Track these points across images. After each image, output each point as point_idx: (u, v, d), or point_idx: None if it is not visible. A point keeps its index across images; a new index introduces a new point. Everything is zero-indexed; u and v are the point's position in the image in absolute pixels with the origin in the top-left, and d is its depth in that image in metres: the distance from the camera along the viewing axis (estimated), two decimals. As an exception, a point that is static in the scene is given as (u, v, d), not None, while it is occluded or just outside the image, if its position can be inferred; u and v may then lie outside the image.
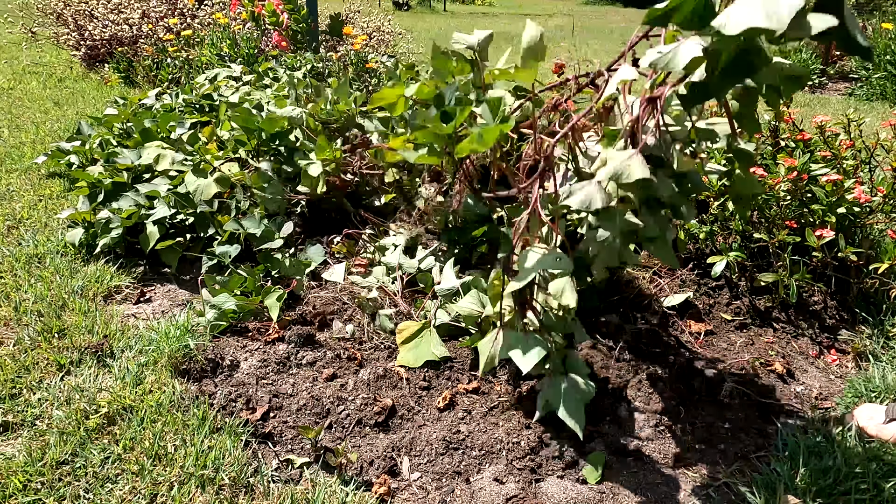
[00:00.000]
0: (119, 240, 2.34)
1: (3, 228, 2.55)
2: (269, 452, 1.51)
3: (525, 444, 1.54)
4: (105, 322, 1.95)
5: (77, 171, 2.87)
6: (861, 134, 2.26)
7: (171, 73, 4.87)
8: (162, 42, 5.27)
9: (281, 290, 2.03)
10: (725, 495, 1.43)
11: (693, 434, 1.62)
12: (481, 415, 1.65)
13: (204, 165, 2.50)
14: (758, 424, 1.67)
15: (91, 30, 5.98)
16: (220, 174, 2.47)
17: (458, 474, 1.47)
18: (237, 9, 5.43)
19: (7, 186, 3.00)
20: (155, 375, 1.70)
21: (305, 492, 1.39)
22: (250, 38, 4.81)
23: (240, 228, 2.32)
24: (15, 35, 7.25)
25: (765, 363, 1.88)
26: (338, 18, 4.97)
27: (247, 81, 3.91)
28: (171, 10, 6.04)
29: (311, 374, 1.77)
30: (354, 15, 6.47)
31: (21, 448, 1.44)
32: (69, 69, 6.21)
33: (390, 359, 1.86)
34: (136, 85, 5.40)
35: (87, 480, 1.36)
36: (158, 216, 2.33)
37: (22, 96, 4.91)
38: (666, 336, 1.98)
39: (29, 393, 1.62)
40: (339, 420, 1.61)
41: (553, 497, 1.41)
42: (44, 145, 3.61)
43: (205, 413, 1.57)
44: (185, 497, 1.34)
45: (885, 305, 2.05)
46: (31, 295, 2.06)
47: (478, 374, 1.79)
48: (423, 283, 2.13)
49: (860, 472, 1.40)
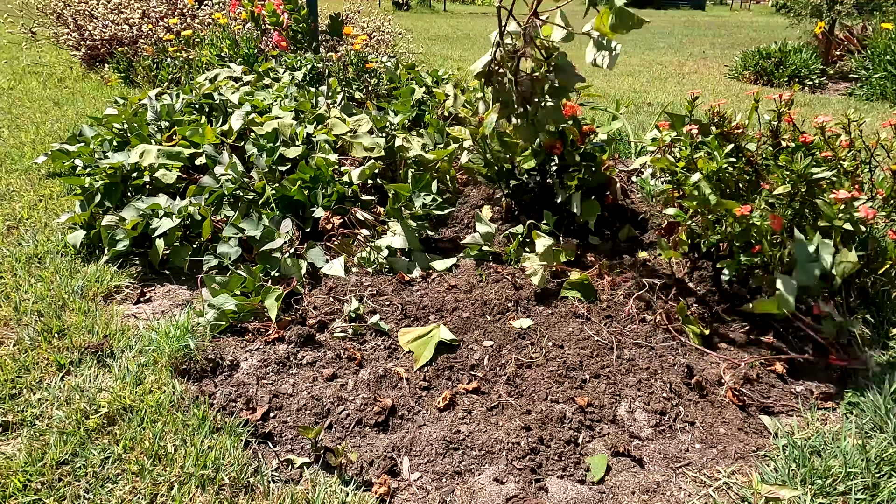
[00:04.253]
0: (127, 250, 2.36)
1: (3, 228, 2.55)
2: (270, 452, 1.51)
3: (525, 444, 1.53)
4: (105, 322, 1.94)
5: (67, 177, 2.87)
6: (861, 134, 2.26)
7: (171, 73, 4.87)
8: (162, 42, 5.28)
9: (280, 290, 2.03)
10: (725, 495, 1.43)
11: (693, 434, 1.62)
12: (481, 415, 1.65)
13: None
14: (758, 424, 1.67)
15: (91, 30, 5.98)
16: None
17: (458, 474, 1.47)
18: (237, 9, 5.43)
19: (7, 186, 3.00)
20: (155, 375, 1.70)
21: (305, 492, 1.39)
22: (250, 38, 4.81)
23: (238, 232, 2.32)
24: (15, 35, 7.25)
25: (765, 363, 1.88)
26: (338, 18, 4.97)
27: (247, 82, 3.92)
28: (171, 10, 6.04)
29: (311, 374, 1.77)
30: (354, 15, 6.47)
31: (21, 448, 1.44)
32: (69, 69, 6.21)
33: (390, 359, 1.86)
34: (136, 85, 5.40)
35: (87, 480, 1.36)
36: (164, 229, 2.33)
37: (22, 96, 4.91)
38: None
39: (29, 393, 1.62)
40: (339, 420, 1.61)
41: (553, 497, 1.41)
42: (44, 145, 3.61)
43: (205, 413, 1.57)
44: (185, 497, 1.34)
45: (885, 306, 2.05)
46: (31, 295, 2.06)
47: (478, 375, 1.79)
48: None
49: (860, 471, 1.40)
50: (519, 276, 2.25)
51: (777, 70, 7.47)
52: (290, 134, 2.96)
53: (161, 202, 2.46)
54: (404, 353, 1.88)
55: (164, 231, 2.32)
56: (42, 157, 3.21)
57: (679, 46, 11.68)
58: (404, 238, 2.37)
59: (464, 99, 3.72)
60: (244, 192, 2.59)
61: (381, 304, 2.09)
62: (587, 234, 2.55)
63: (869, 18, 8.76)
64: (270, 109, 3.35)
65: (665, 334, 1.98)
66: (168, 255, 2.34)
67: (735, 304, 2.12)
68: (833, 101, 6.30)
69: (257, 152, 2.82)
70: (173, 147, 2.88)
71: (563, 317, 2.07)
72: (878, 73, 6.45)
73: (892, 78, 6.29)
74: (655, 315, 2.04)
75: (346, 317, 2.01)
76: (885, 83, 6.33)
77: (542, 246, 2.23)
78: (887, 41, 6.53)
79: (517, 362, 1.84)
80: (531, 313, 2.09)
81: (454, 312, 2.06)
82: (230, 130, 3.08)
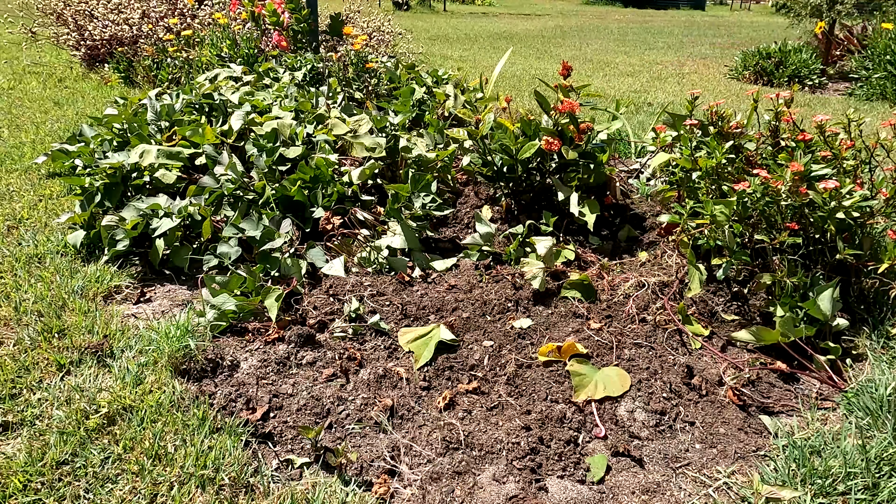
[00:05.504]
0: (126, 250, 2.36)
1: (3, 228, 2.55)
2: (270, 452, 1.51)
3: (525, 444, 1.53)
4: (105, 322, 1.95)
5: (67, 177, 2.87)
6: (861, 134, 2.26)
7: (171, 73, 4.87)
8: (162, 42, 5.27)
9: (280, 290, 2.03)
10: (725, 495, 1.43)
11: (693, 434, 1.62)
12: (481, 415, 1.65)
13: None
14: (758, 424, 1.67)
15: (91, 30, 5.98)
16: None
17: (458, 474, 1.47)
18: (237, 9, 5.43)
19: (7, 186, 3.00)
20: (155, 375, 1.70)
21: (305, 492, 1.39)
22: (250, 38, 4.81)
23: (238, 232, 2.32)
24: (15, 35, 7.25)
25: (765, 363, 1.88)
26: (338, 18, 4.97)
27: (247, 82, 3.92)
28: (171, 10, 6.04)
29: (311, 374, 1.77)
30: (354, 15, 6.47)
31: (21, 448, 1.44)
32: (69, 69, 6.21)
33: (390, 359, 1.86)
34: (136, 85, 5.41)
35: (87, 480, 1.36)
36: (164, 229, 2.33)
37: (22, 96, 4.91)
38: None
39: (29, 393, 1.62)
40: (339, 420, 1.61)
41: (553, 497, 1.41)
42: (44, 145, 3.61)
43: (205, 413, 1.57)
44: (185, 497, 1.34)
45: (884, 306, 2.05)
46: (32, 295, 2.06)
47: (478, 375, 1.79)
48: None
49: (860, 471, 1.39)
50: (519, 276, 2.25)
51: (777, 70, 7.47)
52: (289, 134, 2.96)
53: (161, 202, 2.46)
54: (404, 353, 1.88)
55: (164, 231, 2.32)
56: (42, 157, 3.21)
57: (679, 46, 11.68)
58: (404, 238, 2.37)
59: (464, 99, 3.72)
60: (244, 192, 2.59)
61: (381, 304, 2.09)
62: (587, 234, 2.55)
63: (869, 18, 8.76)
64: (270, 109, 3.35)
65: (665, 334, 1.98)
66: (168, 255, 2.35)
67: (735, 303, 2.12)
68: (833, 101, 6.30)
69: (257, 152, 2.82)
70: (173, 147, 2.89)
71: (563, 317, 2.07)
72: (878, 73, 6.45)
73: (892, 78, 6.29)
74: (655, 315, 2.04)
75: (346, 317, 2.01)
76: (885, 83, 6.33)
77: (543, 248, 2.23)
78: (887, 41, 6.53)
79: (517, 362, 1.84)
80: (531, 313, 2.09)
81: (454, 312, 2.06)
82: (230, 130, 3.08)
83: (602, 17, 19.53)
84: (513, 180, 2.63)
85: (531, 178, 2.63)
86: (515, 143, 2.53)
